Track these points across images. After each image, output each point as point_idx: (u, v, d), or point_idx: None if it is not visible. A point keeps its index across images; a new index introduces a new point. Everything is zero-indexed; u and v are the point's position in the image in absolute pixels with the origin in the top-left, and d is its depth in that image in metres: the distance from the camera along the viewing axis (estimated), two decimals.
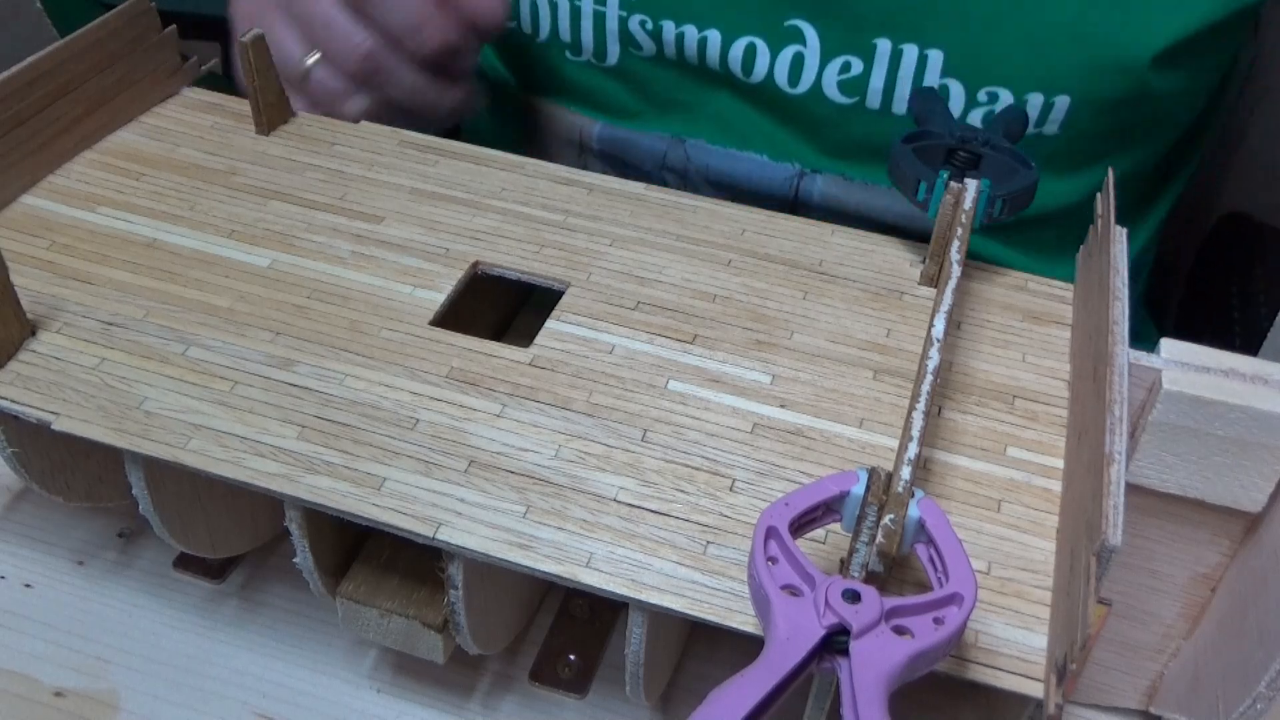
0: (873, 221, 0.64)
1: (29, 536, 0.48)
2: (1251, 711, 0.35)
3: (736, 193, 0.65)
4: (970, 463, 0.37)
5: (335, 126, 0.52)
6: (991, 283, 0.45)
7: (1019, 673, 0.32)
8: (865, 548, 0.31)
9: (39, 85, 0.46)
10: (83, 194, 0.47)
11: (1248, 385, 0.34)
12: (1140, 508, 0.36)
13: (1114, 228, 0.38)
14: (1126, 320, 0.35)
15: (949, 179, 0.43)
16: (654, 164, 0.65)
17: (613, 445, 0.37)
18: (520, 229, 0.46)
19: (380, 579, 0.40)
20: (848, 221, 0.63)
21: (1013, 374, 0.41)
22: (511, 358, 0.40)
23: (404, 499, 0.35)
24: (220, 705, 0.42)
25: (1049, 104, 0.55)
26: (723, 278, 0.44)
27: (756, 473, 0.37)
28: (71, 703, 0.42)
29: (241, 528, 0.44)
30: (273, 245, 0.45)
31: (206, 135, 0.51)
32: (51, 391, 0.38)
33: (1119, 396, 0.32)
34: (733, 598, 0.33)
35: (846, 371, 0.40)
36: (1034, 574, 0.34)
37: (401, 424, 0.37)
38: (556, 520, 0.35)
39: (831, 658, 0.29)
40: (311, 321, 0.41)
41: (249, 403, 0.38)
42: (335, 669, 0.44)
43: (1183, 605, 0.39)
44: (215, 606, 0.46)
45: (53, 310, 0.41)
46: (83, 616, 0.45)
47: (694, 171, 0.64)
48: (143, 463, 0.38)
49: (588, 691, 0.43)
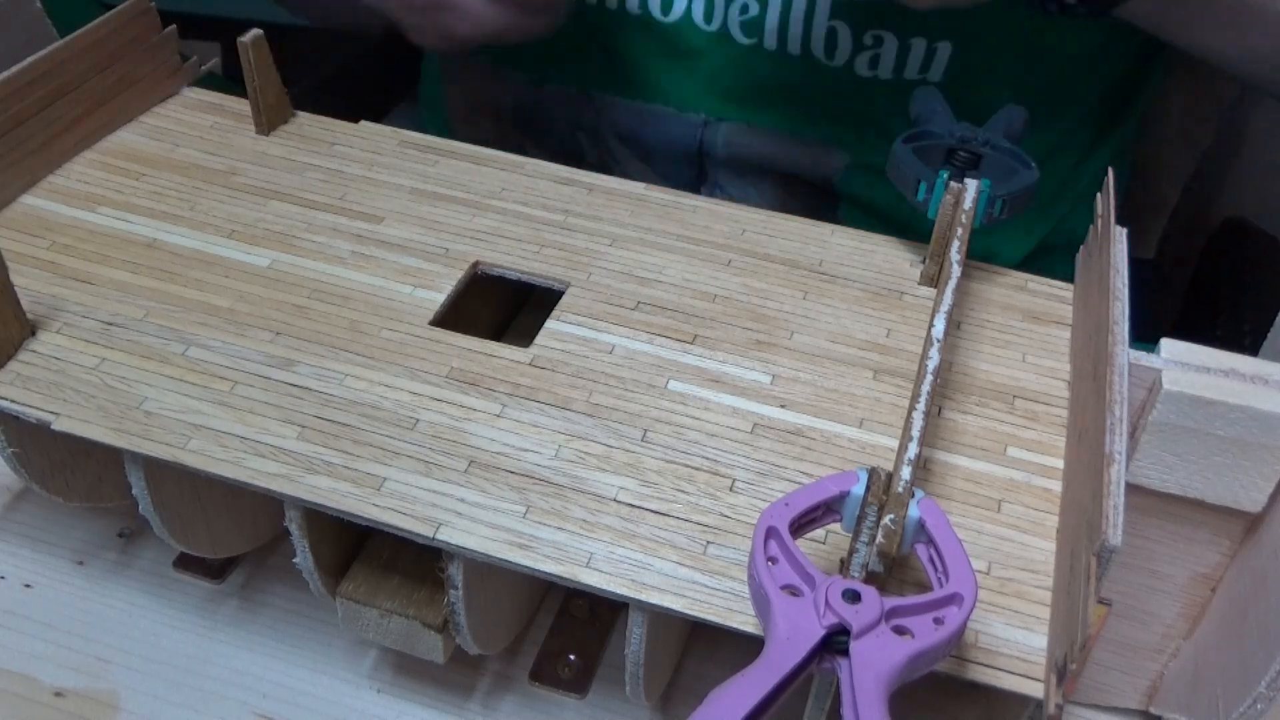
0: (777, 173, 0.64)
1: (29, 536, 0.48)
2: (1251, 711, 0.35)
3: (646, 149, 0.66)
4: (970, 463, 0.37)
5: (335, 126, 0.52)
6: (991, 283, 0.45)
7: (1019, 673, 0.32)
8: (865, 548, 0.31)
9: (39, 85, 0.46)
10: (83, 194, 0.47)
11: (1248, 385, 0.34)
12: (1140, 508, 0.36)
13: (1114, 228, 0.38)
14: (1126, 320, 0.35)
15: (949, 179, 0.43)
16: (568, 125, 0.66)
17: (613, 445, 0.37)
18: (520, 229, 0.46)
19: (380, 579, 0.40)
20: (752, 175, 0.63)
21: (1013, 374, 0.41)
22: (511, 358, 0.40)
23: (404, 499, 0.35)
24: (220, 705, 0.42)
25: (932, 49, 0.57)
26: (723, 278, 0.44)
27: (756, 473, 0.37)
28: (71, 703, 0.42)
29: (241, 528, 0.44)
30: (273, 245, 0.45)
31: (206, 135, 0.51)
32: (51, 391, 0.38)
33: (1119, 396, 0.32)
34: (733, 598, 0.33)
35: (846, 371, 0.40)
36: (1034, 574, 0.34)
37: (401, 424, 0.37)
38: (556, 520, 0.35)
39: (831, 658, 0.29)
40: (311, 321, 0.41)
41: (249, 403, 0.38)
42: (335, 669, 0.44)
43: (1183, 605, 0.39)
44: (215, 606, 0.46)
45: (53, 310, 0.41)
46: (83, 616, 0.45)
47: (605, 128, 0.65)
48: (143, 463, 0.38)
49: (588, 691, 0.43)
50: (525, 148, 0.68)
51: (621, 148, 0.66)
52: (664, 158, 0.65)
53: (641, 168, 0.67)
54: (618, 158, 0.66)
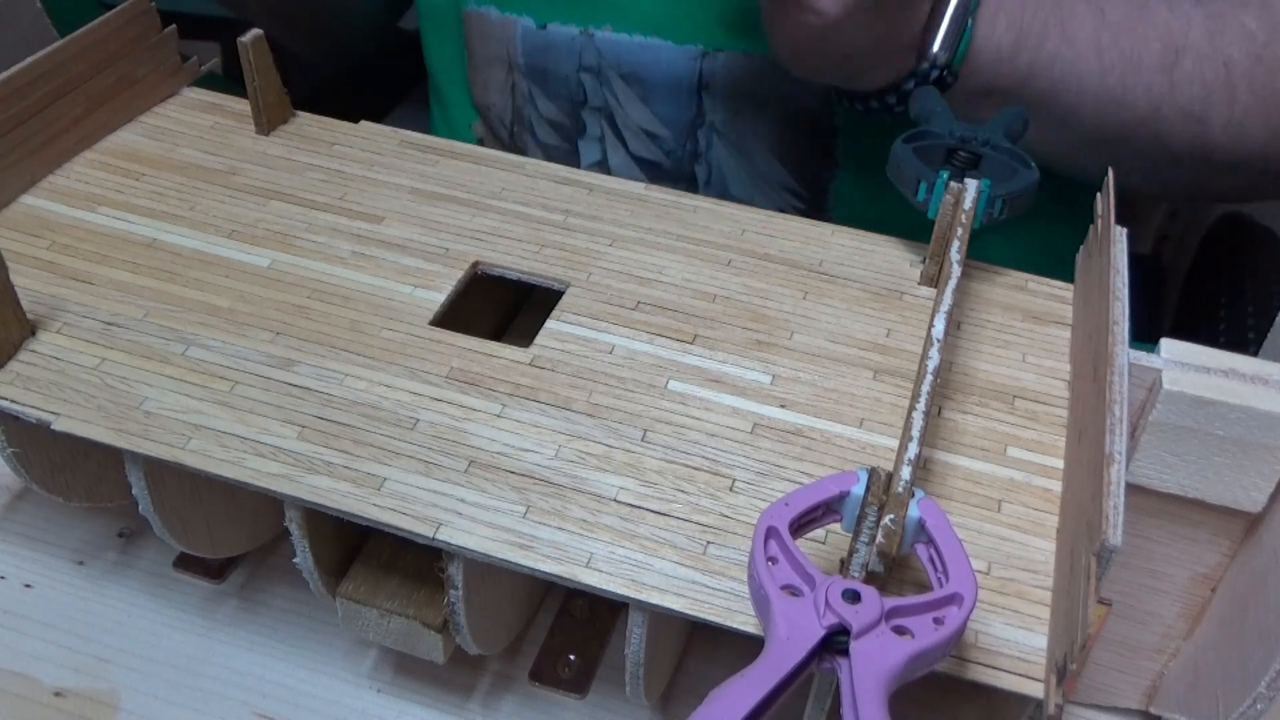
0: (775, 110, 0.65)
1: (29, 536, 0.48)
2: (1251, 711, 0.35)
3: (646, 88, 0.66)
4: (970, 463, 0.37)
5: (335, 126, 0.52)
6: (991, 283, 0.45)
7: (1019, 673, 0.32)
8: (865, 548, 0.31)
9: (39, 85, 0.46)
10: (83, 194, 0.47)
11: (1248, 385, 0.34)
12: (1140, 508, 0.36)
13: (1114, 228, 0.38)
14: (1126, 320, 0.35)
15: (949, 179, 0.42)
16: (572, 66, 0.67)
17: (613, 445, 0.37)
18: (520, 229, 0.46)
19: (380, 579, 0.40)
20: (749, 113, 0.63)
21: (1013, 374, 0.41)
22: (511, 358, 0.40)
23: (404, 499, 0.35)
24: (220, 705, 0.42)
25: None
26: (723, 278, 0.44)
27: (756, 473, 0.37)
28: (71, 703, 0.42)
29: (241, 528, 0.44)
30: (273, 245, 0.45)
31: (206, 135, 0.51)
32: (51, 391, 0.38)
33: (1119, 396, 0.32)
34: (733, 598, 0.33)
35: (846, 371, 0.40)
36: (1034, 574, 0.34)
37: (401, 424, 0.37)
38: (556, 520, 0.35)
39: (831, 658, 0.29)
40: (311, 321, 0.41)
41: (249, 403, 0.38)
42: (335, 669, 0.44)
43: (1183, 605, 0.39)
44: (215, 606, 0.46)
45: (53, 310, 0.41)
46: (83, 616, 0.45)
47: (607, 67, 0.66)
48: (143, 463, 0.38)
49: (588, 691, 0.43)
50: (534, 96, 0.69)
51: (624, 87, 0.66)
52: (664, 96, 0.66)
53: (642, 110, 0.67)
54: (620, 99, 0.67)
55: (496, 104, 0.72)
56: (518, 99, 0.70)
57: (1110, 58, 0.56)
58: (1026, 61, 0.55)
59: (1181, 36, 0.57)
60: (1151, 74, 0.57)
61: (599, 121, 0.69)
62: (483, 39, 0.70)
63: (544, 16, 0.67)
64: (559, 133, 0.70)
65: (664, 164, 0.69)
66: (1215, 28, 0.57)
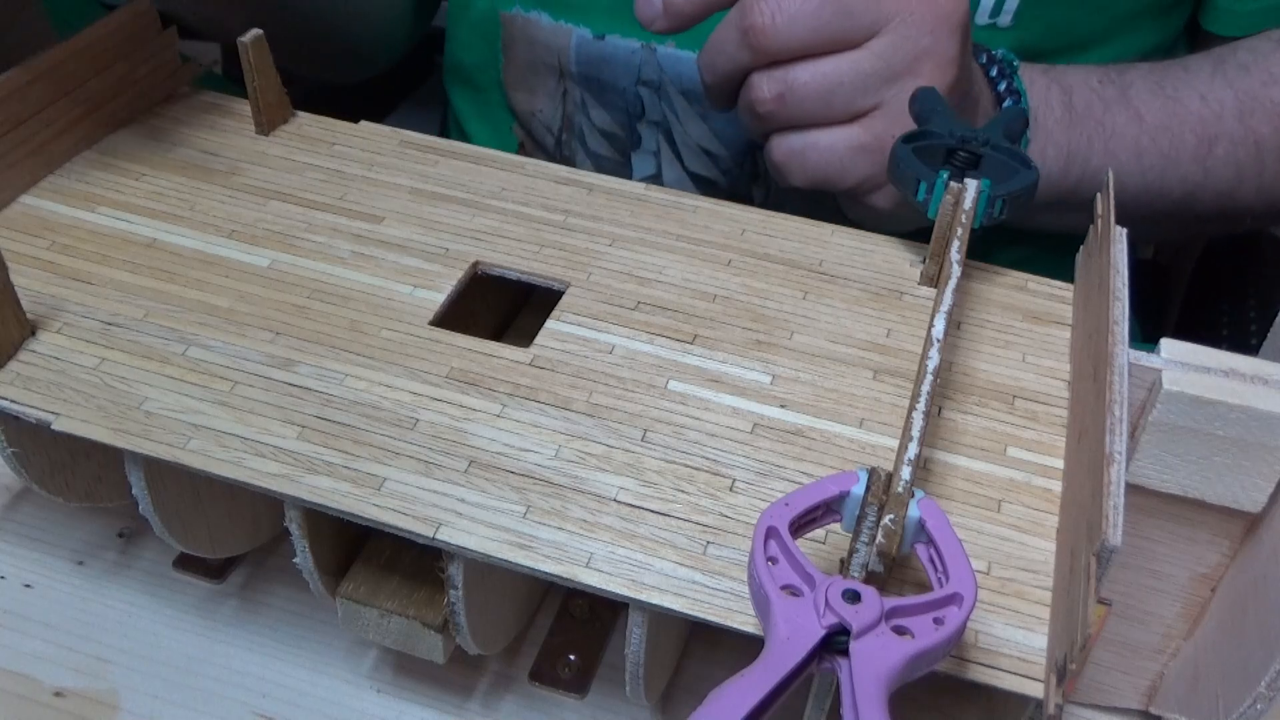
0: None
1: (29, 536, 0.48)
2: (1251, 711, 0.35)
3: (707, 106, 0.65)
4: (970, 463, 0.37)
5: (335, 126, 0.52)
6: (991, 283, 0.45)
7: (1019, 673, 0.32)
8: (865, 548, 0.31)
9: (39, 85, 0.46)
10: (83, 194, 0.47)
11: (1248, 385, 0.34)
12: (1140, 508, 0.36)
13: (1114, 228, 0.38)
14: (1126, 320, 0.35)
15: (949, 179, 0.42)
16: (630, 80, 0.66)
17: (613, 445, 0.37)
18: (520, 229, 0.46)
19: (380, 579, 0.40)
20: None
21: (1013, 374, 0.41)
22: (511, 358, 0.40)
23: (404, 499, 0.35)
24: (220, 705, 0.42)
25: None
26: (723, 278, 0.44)
27: (756, 473, 0.37)
28: (71, 703, 0.42)
29: (241, 528, 0.44)
30: (273, 245, 0.45)
31: (206, 135, 0.51)
32: (51, 391, 0.38)
33: (1119, 396, 0.32)
34: (733, 598, 0.33)
35: (846, 371, 0.40)
36: (1034, 574, 0.34)
37: (401, 424, 0.37)
38: (556, 520, 0.35)
39: (831, 658, 0.29)
40: (311, 321, 0.41)
41: (249, 403, 0.38)
42: (335, 669, 0.44)
43: (1183, 605, 0.39)
44: (215, 606, 0.46)
45: (53, 310, 0.41)
46: (83, 616, 0.45)
47: (669, 82, 0.65)
48: (143, 463, 0.38)
49: (588, 691, 0.43)
50: (587, 105, 0.68)
51: (684, 104, 0.66)
52: (724, 115, 0.65)
53: (701, 128, 0.66)
54: (680, 116, 0.66)
55: (544, 110, 0.70)
56: (569, 106, 0.69)
57: (1149, 160, 0.58)
58: (1075, 179, 0.57)
59: (1215, 124, 0.58)
60: (1187, 166, 0.59)
61: (655, 136, 0.68)
62: (528, 44, 0.68)
63: (602, 28, 0.65)
64: (613, 144, 0.69)
65: (720, 183, 0.68)
66: (1246, 108, 0.58)
